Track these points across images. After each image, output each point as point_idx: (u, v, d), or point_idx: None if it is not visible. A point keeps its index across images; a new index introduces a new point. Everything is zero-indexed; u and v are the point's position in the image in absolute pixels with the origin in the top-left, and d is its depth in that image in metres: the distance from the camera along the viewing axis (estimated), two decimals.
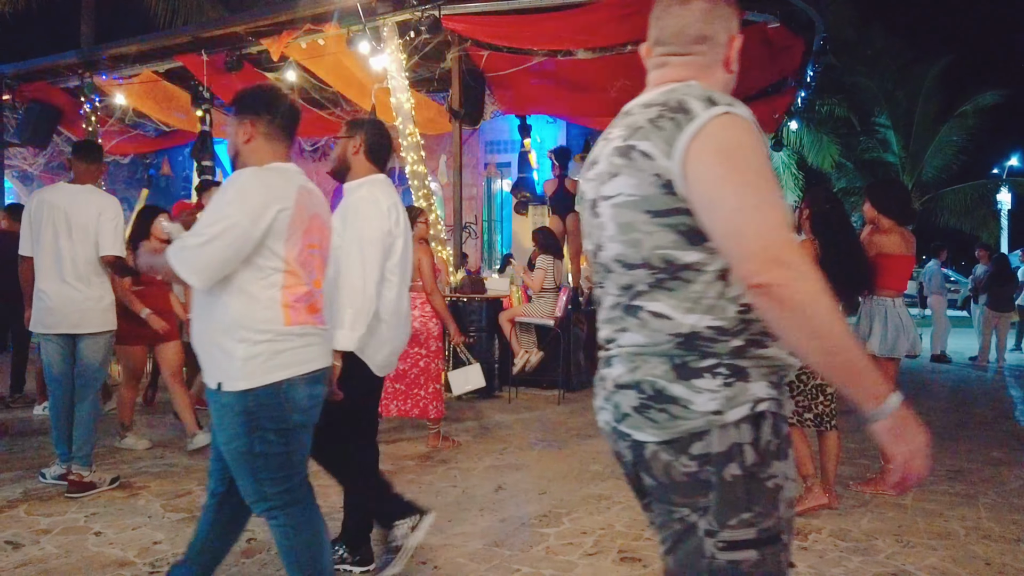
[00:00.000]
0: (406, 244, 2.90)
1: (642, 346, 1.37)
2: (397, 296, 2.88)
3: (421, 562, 3.12)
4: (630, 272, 1.39)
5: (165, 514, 3.72)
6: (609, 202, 1.42)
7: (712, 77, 1.46)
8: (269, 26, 8.71)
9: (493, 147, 13.13)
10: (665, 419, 1.32)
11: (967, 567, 3.10)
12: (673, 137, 1.29)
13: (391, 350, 2.90)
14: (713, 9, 1.47)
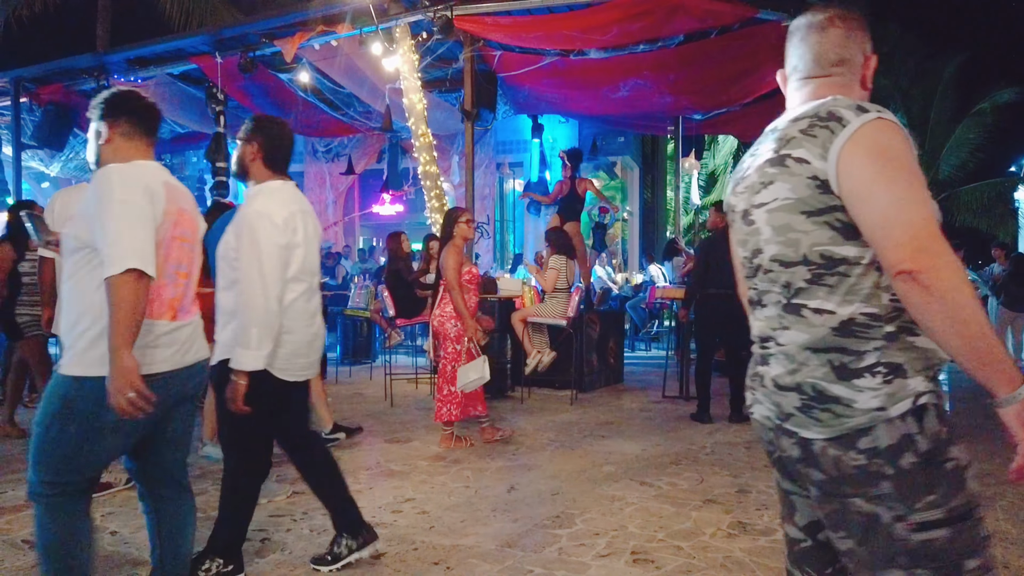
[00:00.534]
0: (309, 250, 2.86)
1: (802, 344, 1.48)
2: (301, 300, 2.86)
3: (434, 563, 3.12)
4: (789, 270, 1.51)
5: None
6: (763, 208, 1.55)
7: (851, 95, 1.56)
8: (282, 28, 8.76)
9: (505, 147, 13.13)
10: (829, 418, 1.43)
11: None
12: (828, 142, 1.42)
13: (296, 356, 2.86)
14: (849, 34, 1.60)
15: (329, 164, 13.36)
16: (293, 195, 2.90)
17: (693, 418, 6.18)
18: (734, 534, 3.47)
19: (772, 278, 1.55)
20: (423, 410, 6.67)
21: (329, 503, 3.12)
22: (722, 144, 20.67)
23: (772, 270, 1.55)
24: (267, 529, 3.52)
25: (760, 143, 1.65)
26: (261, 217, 2.73)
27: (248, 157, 2.86)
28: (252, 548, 3.27)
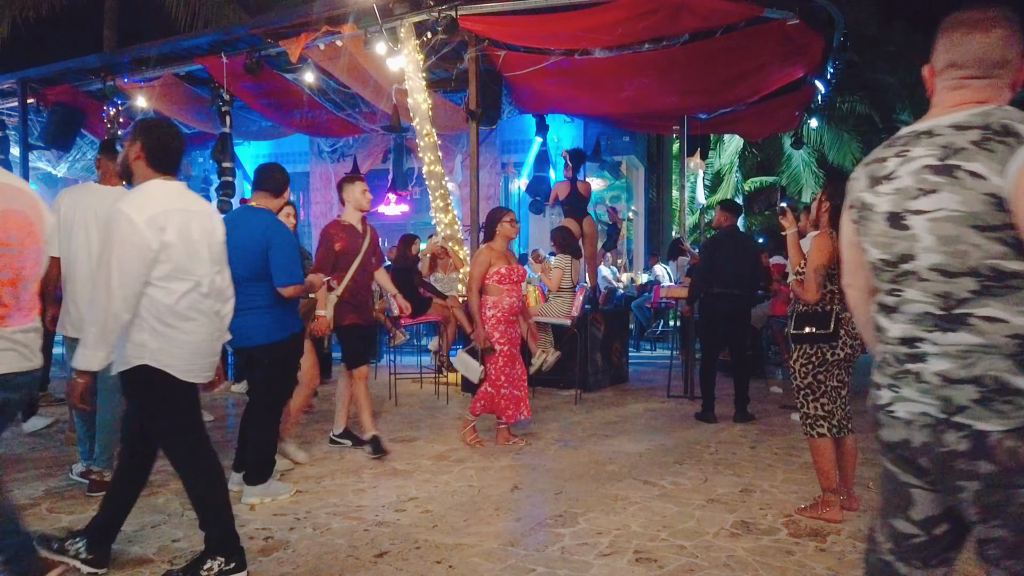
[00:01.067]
0: (190, 250, 2.80)
1: (975, 346, 1.52)
2: (188, 299, 2.79)
3: (436, 562, 3.12)
4: (952, 280, 1.55)
5: (185, 512, 3.75)
6: (924, 216, 1.58)
7: (1004, 97, 1.61)
8: (287, 28, 8.78)
9: (510, 147, 13.12)
10: (1010, 409, 1.48)
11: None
12: (1006, 159, 1.46)
13: (191, 351, 2.82)
14: (1011, 35, 1.61)
15: (335, 164, 13.37)
16: (173, 194, 2.85)
17: (698, 418, 6.17)
18: (737, 533, 3.47)
19: (926, 287, 1.58)
20: (428, 409, 6.68)
21: (108, 508, 3.05)
22: (728, 143, 20.63)
23: (928, 279, 1.58)
24: (270, 528, 3.53)
25: (907, 144, 1.66)
26: (119, 215, 2.70)
27: (131, 157, 2.86)
28: (256, 547, 3.28)
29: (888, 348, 1.67)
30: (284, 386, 4.07)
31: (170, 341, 2.76)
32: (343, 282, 4.81)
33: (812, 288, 3.63)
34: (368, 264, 5.00)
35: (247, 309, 3.79)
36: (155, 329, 2.74)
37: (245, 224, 3.85)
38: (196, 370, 2.86)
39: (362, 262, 4.90)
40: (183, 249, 2.78)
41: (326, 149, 13.31)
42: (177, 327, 2.77)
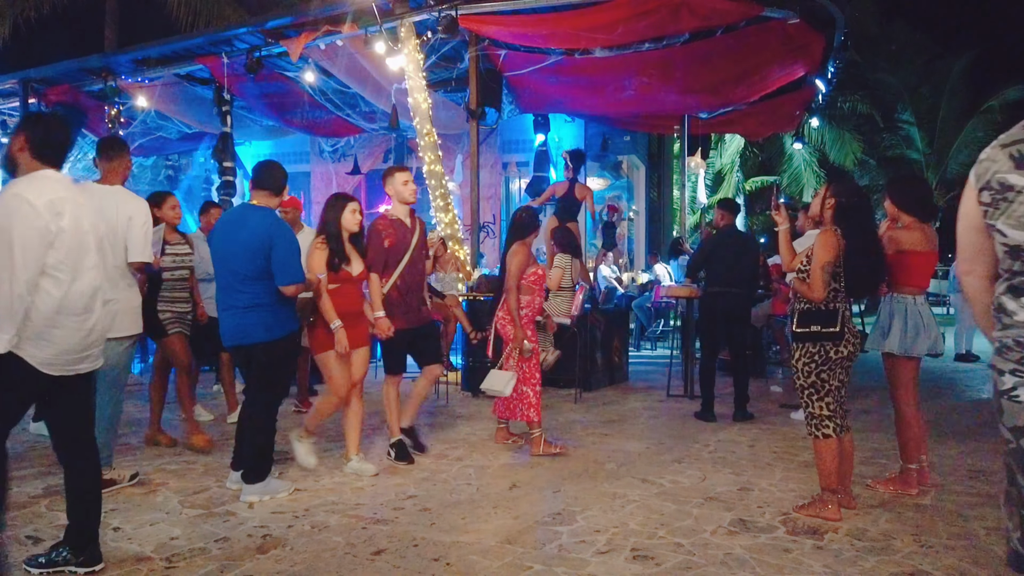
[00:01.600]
0: (78, 241, 2.83)
1: None
2: (68, 293, 2.80)
3: (433, 559, 3.13)
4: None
5: (183, 510, 3.76)
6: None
7: None
8: (288, 27, 8.79)
9: (511, 147, 13.11)
10: None
11: (986, 568, 3.05)
12: None
13: (59, 350, 2.81)
14: None
15: (335, 164, 13.37)
16: (64, 183, 2.90)
17: (697, 416, 6.17)
18: (735, 531, 3.47)
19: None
20: (427, 408, 6.67)
21: (74, 512, 3.02)
22: (728, 143, 20.61)
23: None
24: (268, 526, 3.53)
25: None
26: (17, 199, 2.71)
27: (15, 148, 2.89)
28: (253, 544, 3.29)
29: (1014, 332, 1.65)
30: (282, 384, 4.08)
31: (40, 334, 2.76)
32: (390, 280, 4.57)
33: (819, 286, 3.58)
34: (418, 261, 4.74)
35: (248, 307, 3.81)
36: (32, 320, 2.73)
37: (247, 222, 3.85)
38: (57, 365, 2.84)
39: (411, 259, 4.64)
40: (74, 238, 2.82)
41: (327, 148, 13.31)
42: (52, 319, 2.78)
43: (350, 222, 4.34)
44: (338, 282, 4.29)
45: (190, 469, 4.55)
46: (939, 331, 4.12)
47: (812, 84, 10.16)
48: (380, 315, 4.50)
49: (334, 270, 4.26)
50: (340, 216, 4.32)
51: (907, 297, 4.06)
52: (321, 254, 4.24)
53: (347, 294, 4.33)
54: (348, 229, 4.35)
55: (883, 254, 3.89)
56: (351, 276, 4.36)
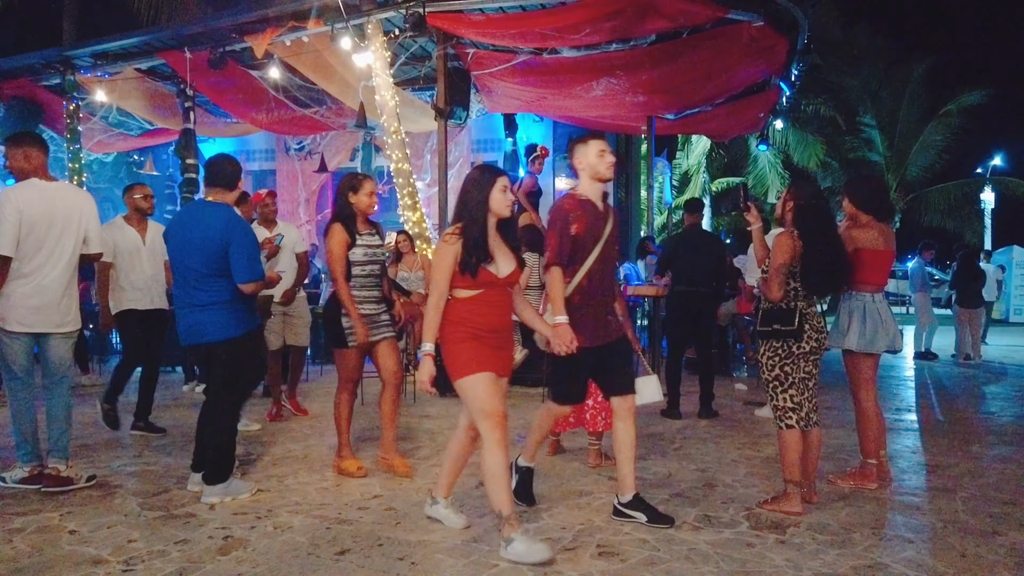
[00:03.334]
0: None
1: None
2: None
3: (399, 558, 3.10)
4: None
5: (142, 512, 3.68)
6: None
7: None
8: (253, 23, 8.67)
9: (480, 146, 13.10)
10: None
11: (942, 559, 3.11)
12: None
13: None
14: None
15: (301, 162, 13.24)
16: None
17: (663, 414, 6.22)
18: (699, 527, 3.49)
19: None
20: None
21: None
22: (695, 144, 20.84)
23: None
24: (229, 527, 3.47)
25: None
26: None
27: None
28: (215, 546, 3.23)
29: None
30: (243, 383, 4.01)
31: None
32: (574, 281, 3.49)
33: (775, 286, 3.69)
34: (610, 258, 3.58)
35: (206, 305, 3.74)
36: None
37: (202, 219, 3.78)
38: None
39: (602, 254, 3.51)
40: None
41: (293, 146, 13.17)
42: None
43: (501, 204, 3.19)
44: (477, 287, 3.17)
45: (149, 471, 4.46)
46: (897, 328, 4.21)
47: (776, 86, 10.30)
48: (562, 320, 3.36)
49: (470, 272, 3.12)
50: (488, 196, 3.17)
51: (865, 295, 4.13)
52: (449, 251, 3.13)
53: (493, 303, 3.22)
54: (498, 214, 3.21)
55: (844, 254, 3.95)
56: (495, 279, 3.18)
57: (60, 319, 4.02)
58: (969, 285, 10.90)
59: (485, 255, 3.14)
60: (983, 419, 6.40)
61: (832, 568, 3.02)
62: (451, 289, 3.18)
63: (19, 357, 4.01)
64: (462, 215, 3.21)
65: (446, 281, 3.15)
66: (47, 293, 3.96)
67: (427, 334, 3.13)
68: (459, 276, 3.14)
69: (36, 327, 3.98)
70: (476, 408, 3.17)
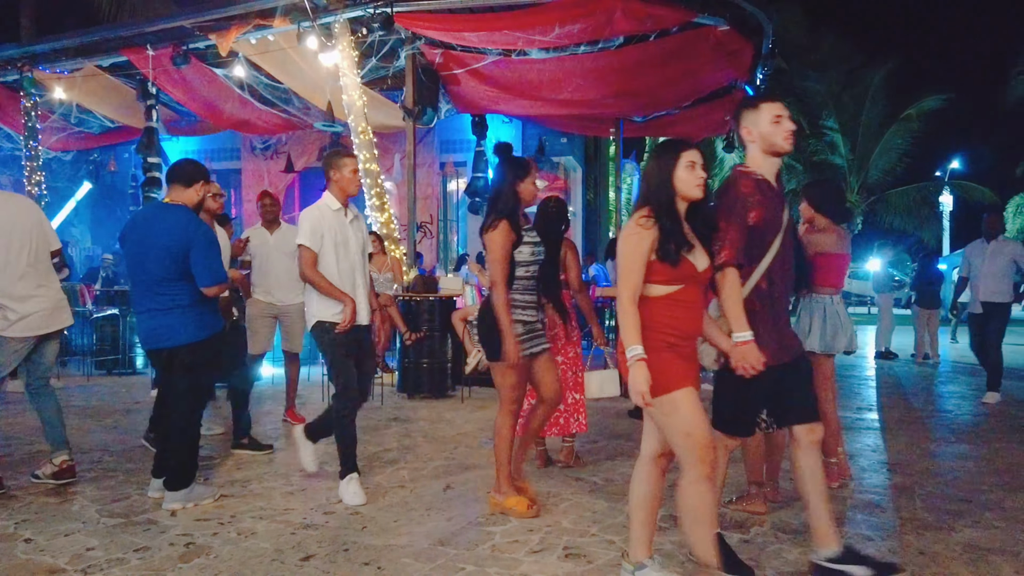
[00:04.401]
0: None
1: None
2: None
3: (364, 563, 3.08)
4: None
5: (100, 519, 3.60)
6: None
7: None
8: (217, 20, 8.55)
9: (449, 146, 13.08)
10: None
11: (901, 556, 3.18)
12: None
13: None
14: None
15: (267, 162, 13.09)
16: None
17: (631, 415, 6.25)
18: (665, 527, 3.52)
19: None
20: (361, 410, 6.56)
21: None
22: None
23: None
24: (192, 533, 3.41)
25: None
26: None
27: None
28: (176, 553, 3.18)
29: None
30: (204, 388, 3.95)
31: None
32: (750, 282, 2.85)
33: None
34: (790, 253, 2.98)
35: (167, 309, 3.68)
36: None
37: (161, 222, 3.72)
38: None
39: (782, 247, 2.90)
40: None
41: (258, 146, 13.01)
42: None
43: (689, 184, 2.64)
44: (676, 281, 2.64)
45: (110, 476, 4.37)
46: (854, 330, 4.30)
47: (742, 90, 10.44)
48: (746, 336, 2.74)
49: (671, 262, 2.59)
50: (672, 175, 2.64)
51: (825, 297, 4.20)
52: (645, 237, 2.60)
53: (690, 303, 2.67)
54: (688, 196, 2.66)
55: (803, 257, 4.01)
56: (695, 272, 2.65)
57: (46, 321, 4.16)
58: (927, 286, 11.15)
59: (684, 241, 2.62)
60: (940, 417, 6.55)
61: (793, 567, 3.06)
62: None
63: (10, 361, 4.14)
64: (647, 199, 2.70)
65: (641, 273, 2.60)
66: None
67: (632, 334, 2.56)
68: (654, 269, 2.60)
69: (29, 332, 4.11)
70: (680, 431, 2.61)
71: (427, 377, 7.28)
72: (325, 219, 3.97)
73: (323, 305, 3.96)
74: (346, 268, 4.01)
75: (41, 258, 4.17)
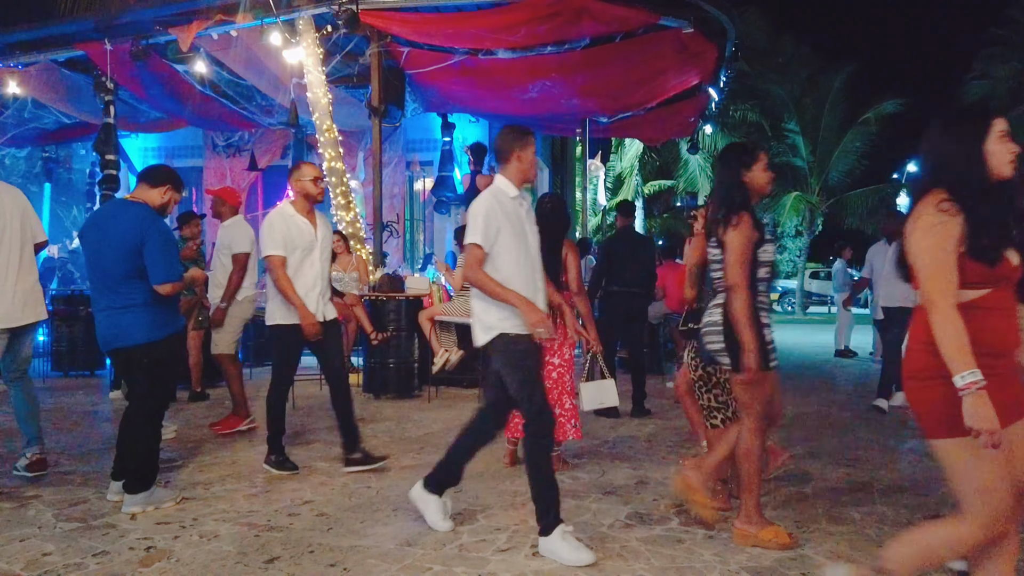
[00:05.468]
0: None
1: None
2: None
3: (330, 565, 3.05)
4: None
5: (57, 524, 3.51)
6: None
7: None
8: (178, 15, 8.39)
9: (415, 145, 13.00)
10: None
11: (861, 550, 3.24)
12: None
13: None
14: None
15: (230, 159, 12.88)
16: None
17: (598, 413, 6.29)
18: (631, 524, 3.55)
19: None
20: (327, 411, 6.46)
21: None
22: (628, 147, 21.22)
23: None
24: (152, 537, 3.34)
25: None
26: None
27: None
28: (135, 558, 3.11)
29: None
30: (165, 388, 3.87)
31: None
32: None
33: (686, 287, 3.87)
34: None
35: (123, 307, 3.61)
36: None
37: (117, 218, 3.66)
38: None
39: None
40: None
41: (220, 144, 12.79)
42: None
43: (1002, 160, 2.18)
44: (988, 284, 2.15)
45: (67, 480, 4.26)
46: None
47: (705, 92, 10.58)
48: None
49: (988, 261, 2.11)
50: (982, 148, 2.18)
51: None
52: (952, 226, 2.10)
53: (1005, 311, 2.18)
54: (1000, 174, 2.19)
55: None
56: (1011, 271, 2.17)
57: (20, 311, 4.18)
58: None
59: (1005, 233, 2.14)
60: (897, 414, 6.70)
61: (757, 561, 3.11)
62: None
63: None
64: (940, 178, 2.19)
65: (955, 268, 2.09)
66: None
67: (964, 355, 2.03)
68: (960, 269, 2.11)
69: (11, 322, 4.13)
70: (975, 485, 2.10)
71: (393, 377, 7.24)
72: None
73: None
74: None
75: (26, 250, 4.22)
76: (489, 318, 3.32)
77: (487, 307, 3.32)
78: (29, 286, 4.21)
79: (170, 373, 3.89)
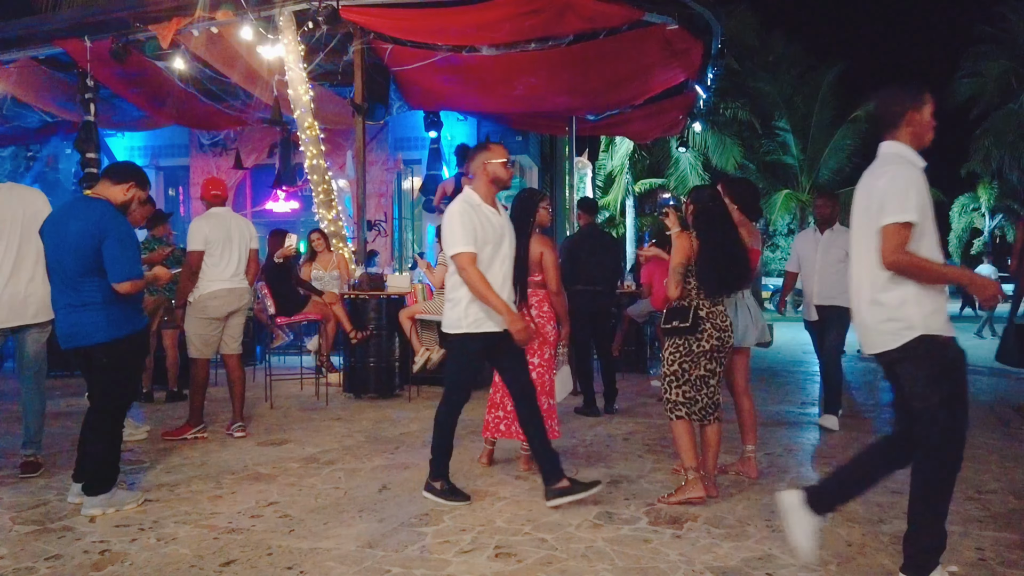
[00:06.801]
0: None
1: None
2: None
3: (287, 567, 2.98)
4: None
5: (13, 527, 3.44)
6: None
7: None
8: (158, 11, 8.31)
9: (402, 144, 12.94)
10: None
11: (830, 548, 3.19)
12: None
13: None
14: None
15: (216, 158, 12.80)
16: None
17: (578, 412, 6.23)
18: (599, 524, 3.49)
19: None
20: (304, 411, 6.46)
21: None
22: (619, 145, 21.15)
23: None
24: (108, 540, 3.28)
25: None
26: None
27: None
28: (89, 561, 3.04)
29: None
30: (126, 388, 3.80)
31: None
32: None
33: (672, 285, 3.80)
34: None
35: (82, 305, 3.54)
36: None
37: (77, 215, 3.58)
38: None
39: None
40: None
41: (205, 142, 12.70)
42: None
43: None
44: None
45: (28, 481, 4.19)
46: (765, 322, 4.35)
47: (693, 90, 10.52)
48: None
49: None
50: None
51: (736, 292, 4.22)
52: None
53: None
54: None
55: (742, 255, 4.01)
56: None
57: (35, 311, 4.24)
58: None
59: None
60: (880, 412, 6.67)
61: (723, 561, 3.06)
62: None
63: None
64: None
65: None
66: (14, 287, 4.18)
67: None
68: None
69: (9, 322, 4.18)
70: None
71: (374, 377, 7.17)
72: None
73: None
74: None
75: (23, 250, 4.22)
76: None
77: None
78: (21, 287, 4.22)
79: (131, 373, 3.82)
